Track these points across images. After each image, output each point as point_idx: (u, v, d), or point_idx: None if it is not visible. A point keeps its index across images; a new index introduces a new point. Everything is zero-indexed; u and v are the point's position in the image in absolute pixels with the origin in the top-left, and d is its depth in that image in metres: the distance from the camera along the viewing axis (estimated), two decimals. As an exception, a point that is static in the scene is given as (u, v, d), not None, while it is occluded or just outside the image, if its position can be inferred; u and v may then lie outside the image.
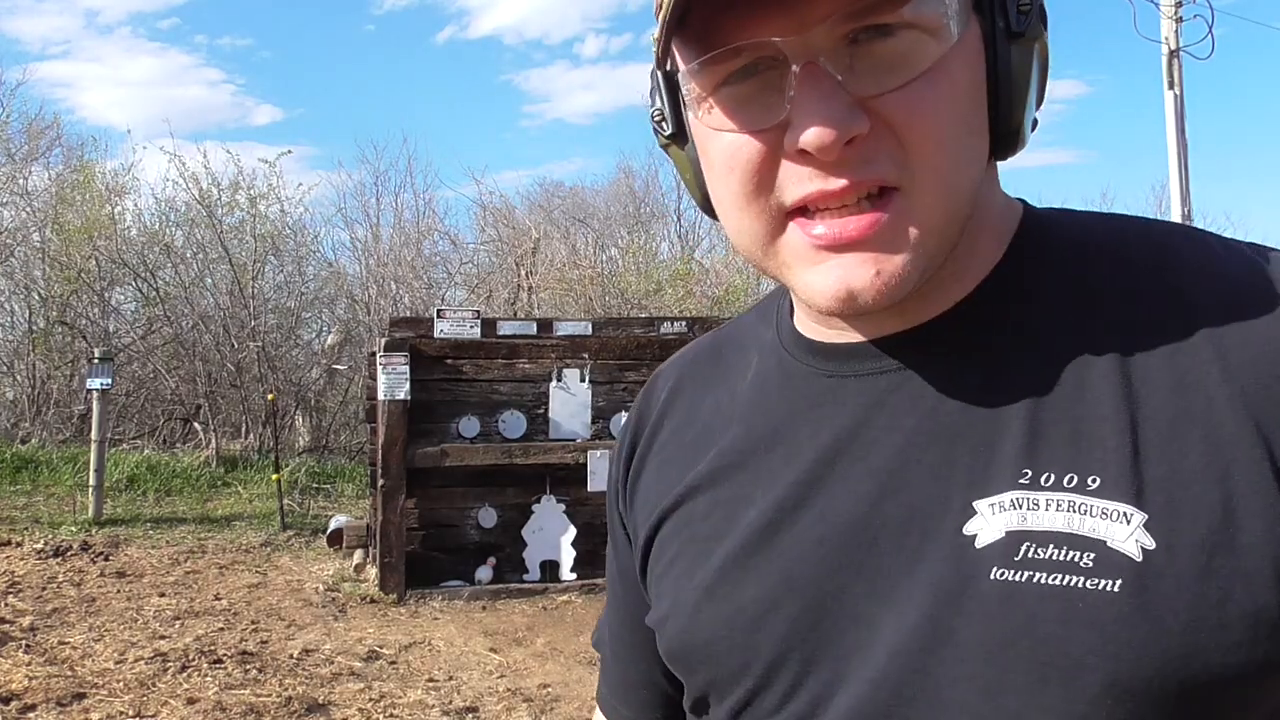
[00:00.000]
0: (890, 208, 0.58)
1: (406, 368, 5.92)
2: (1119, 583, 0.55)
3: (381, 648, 5.03)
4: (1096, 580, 0.55)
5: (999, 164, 0.68)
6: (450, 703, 4.33)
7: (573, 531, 6.28)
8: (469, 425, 6.21)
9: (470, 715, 4.23)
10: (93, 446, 8.05)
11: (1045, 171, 28.66)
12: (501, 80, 32.32)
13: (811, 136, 0.56)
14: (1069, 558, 0.56)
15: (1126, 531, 0.55)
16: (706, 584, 0.70)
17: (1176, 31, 10.27)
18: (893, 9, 0.55)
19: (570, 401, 6.33)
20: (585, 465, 6.16)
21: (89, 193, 13.55)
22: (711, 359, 0.82)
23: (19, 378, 12.86)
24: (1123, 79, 32.36)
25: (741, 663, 0.68)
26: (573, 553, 6.25)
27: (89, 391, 8.48)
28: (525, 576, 6.21)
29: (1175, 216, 10.68)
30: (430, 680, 4.60)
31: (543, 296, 14.36)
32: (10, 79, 23.28)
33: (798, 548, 0.66)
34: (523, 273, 14.61)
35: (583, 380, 6.36)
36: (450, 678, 4.65)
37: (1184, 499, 0.55)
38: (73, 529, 7.44)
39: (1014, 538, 0.58)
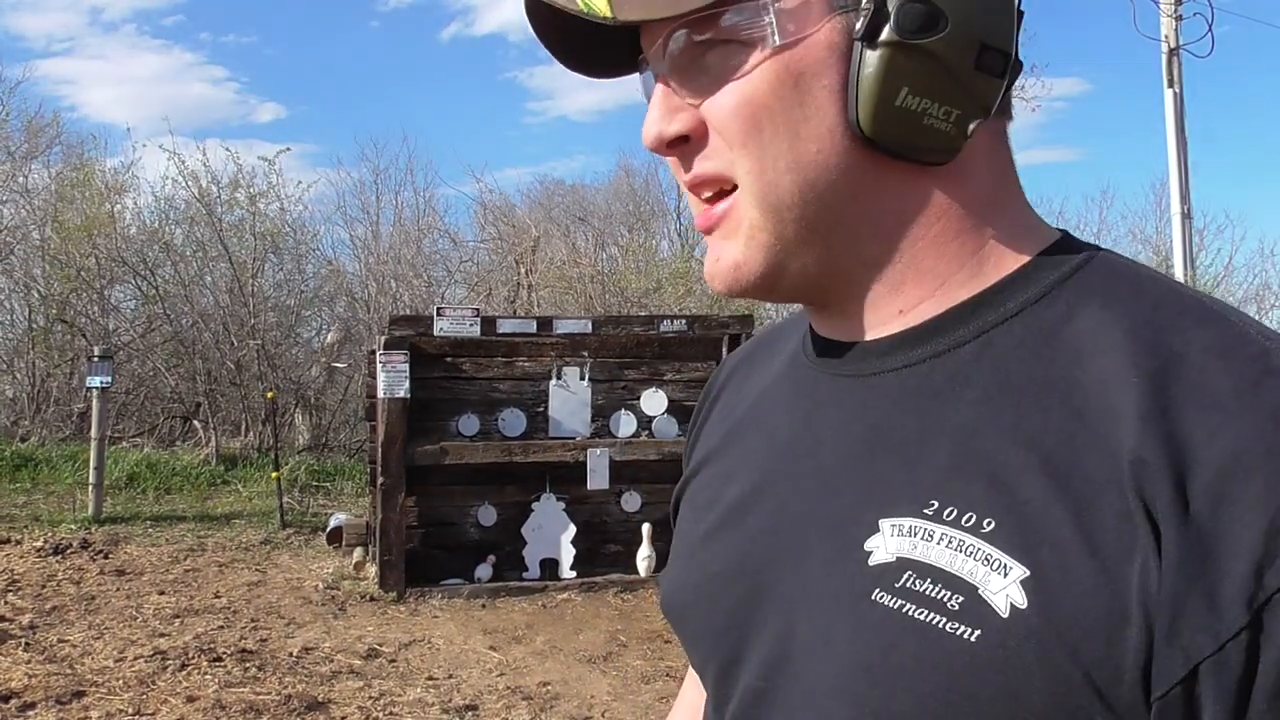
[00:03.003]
0: (725, 202, 0.66)
1: (406, 366, 5.92)
2: (977, 634, 0.53)
3: (381, 646, 5.03)
4: (956, 625, 0.54)
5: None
6: (450, 701, 4.33)
7: (572, 530, 6.28)
8: (468, 423, 6.20)
9: (470, 713, 4.23)
10: (92, 444, 8.05)
11: (1044, 169, 28.59)
12: (505, 78, 32.26)
13: (643, 133, 0.66)
14: (940, 596, 0.55)
15: (1001, 583, 0.53)
16: (689, 550, 0.77)
17: (1176, 29, 10.24)
18: (707, 26, 0.62)
19: (570, 400, 6.33)
20: (585, 463, 6.15)
21: (89, 191, 13.53)
22: (763, 344, 0.87)
23: (19, 376, 12.87)
24: (1122, 77, 32.19)
25: (698, 629, 0.74)
26: (572, 551, 6.25)
27: (89, 389, 8.47)
28: (525, 575, 6.21)
29: (1174, 214, 10.66)
30: (430, 678, 4.60)
31: (543, 294, 14.36)
32: (10, 76, 23.32)
33: (754, 532, 0.71)
34: (523, 271, 14.62)
35: (582, 378, 6.35)
36: (450, 676, 4.65)
37: (1075, 571, 0.52)
38: (72, 527, 7.44)
39: (902, 564, 0.58)
